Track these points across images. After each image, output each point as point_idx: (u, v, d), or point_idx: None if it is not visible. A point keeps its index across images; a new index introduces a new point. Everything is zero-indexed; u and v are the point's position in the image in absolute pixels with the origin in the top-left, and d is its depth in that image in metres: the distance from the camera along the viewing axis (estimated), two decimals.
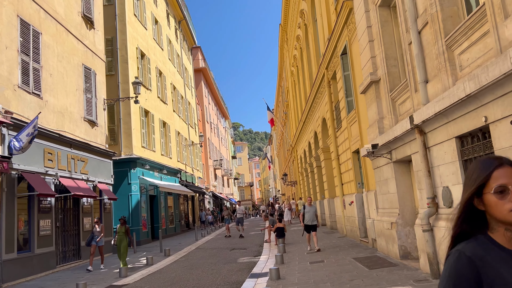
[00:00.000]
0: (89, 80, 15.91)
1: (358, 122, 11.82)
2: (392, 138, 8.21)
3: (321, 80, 16.77)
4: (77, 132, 14.56)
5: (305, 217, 12.02)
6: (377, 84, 9.75)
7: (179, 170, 27.99)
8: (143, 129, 22.05)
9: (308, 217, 11.97)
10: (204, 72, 46.55)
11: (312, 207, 12.15)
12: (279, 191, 66.83)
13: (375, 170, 10.25)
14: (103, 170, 16.41)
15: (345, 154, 14.01)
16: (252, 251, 13.91)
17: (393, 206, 9.18)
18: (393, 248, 9.04)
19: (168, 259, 13.57)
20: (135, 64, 21.96)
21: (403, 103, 8.52)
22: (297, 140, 30.64)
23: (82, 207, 14.50)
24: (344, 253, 10.84)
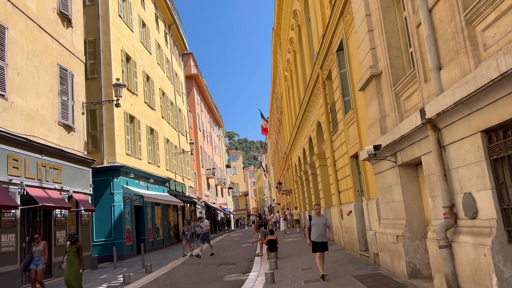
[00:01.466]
0: (65, 81, 14.72)
1: (356, 123, 10.69)
2: (398, 138, 7.08)
3: (315, 81, 15.69)
4: (50, 138, 13.33)
5: (312, 231, 9.00)
6: (378, 79, 8.64)
7: (167, 179, 26.71)
8: (128, 135, 20.83)
9: (317, 232, 8.96)
10: (196, 79, 45.50)
11: (321, 218, 9.06)
12: (274, 200, 65.52)
13: (377, 175, 9.09)
14: (80, 179, 15.14)
15: (342, 159, 12.86)
16: (241, 267, 12.66)
17: (398, 216, 8.01)
18: (399, 264, 7.85)
19: (148, 277, 12.28)
20: (120, 67, 20.81)
21: (410, 97, 7.40)
22: (292, 147, 29.52)
23: (54, 219, 13.21)
24: (342, 269, 9.62)
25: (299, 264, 11.40)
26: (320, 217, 9.07)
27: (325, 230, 9.01)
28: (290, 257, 13.35)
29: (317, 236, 8.92)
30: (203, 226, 17.16)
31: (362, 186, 11.13)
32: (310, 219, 9.09)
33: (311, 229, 9.01)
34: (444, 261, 5.55)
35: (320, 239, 8.91)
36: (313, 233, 8.96)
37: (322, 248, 8.93)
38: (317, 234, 8.92)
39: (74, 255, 9.25)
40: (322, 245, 8.96)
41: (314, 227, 8.95)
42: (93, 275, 13.84)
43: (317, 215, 9.10)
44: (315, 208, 9.11)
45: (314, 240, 8.97)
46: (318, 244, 8.96)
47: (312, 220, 9.07)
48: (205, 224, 17.20)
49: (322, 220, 9.03)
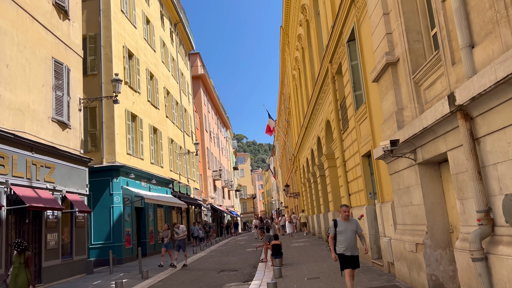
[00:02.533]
0: (60, 76, 13.99)
1: (369, 118, 9.75)
2: (419, 131, 6.14)
3: (324, 77, 14.77)
4: (41, 134, 12.58)
5: (338, 241, 6.82)
6: (395, 67, 7.72)
7: (171, 180, 25.91)
8: (129, 134, 20.08)
9: (345, 242, 6.73)
10: (203, 79, 44.78)
11: (351, 223, 6.87)
12: (282, 203, 64.53)
13: (393, 175, 8.15)
14: (76, 179, 14.37)
15: (353, 159, 11.92)
16: (243, 274, 11.75)
17: (418, 222, 7.06)
18: (419, 276, 6.89)
19: (143, 284, 11.43)
20: (121, 64, 20.08)
21: (432, 86, 6.47)
22: (299, 148, 28.57)
23: (46, 221, 12.43)
24: (354, 280, 8.65)
25: (305, 273, 10.48)
26: (349, 222, 6.84)
27: (355, 239, 6.84)
28: (296, 263, 12.42)
29: (346, 247, 6.71)
30: (179, 232, 15.31)
31: (375, 188, 10.17)
32: (336, 224, 6.87)
33: (337, 238, 6.81)
34: (479, 276, 4.60)
35: (350, 251, 6.71)
36: (339, 244, 6.77)
37: (353, 264, 6.76)
38: (346, 245, 6.70)
39: (21, 267, 7.46)
40: (353, 260, 6.74)
41: (342, 236, 6.76)
42: (86, 280, 13.04)
43: (345, 219, 6.84)
44: (343, 210, 6.84)
45: (342, 253, 6.75)
46: (348, 259, 6.72)
47: (338, 226, 6.82)
48: (182, 230, 15.44)
49: (352, 226, 6.81)
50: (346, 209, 6.86)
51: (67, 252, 13.63)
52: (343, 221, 6.87)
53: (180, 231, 15.31)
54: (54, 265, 12.61)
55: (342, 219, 6.89)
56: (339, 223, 6.87)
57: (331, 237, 6.94)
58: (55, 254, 12.76)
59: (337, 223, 6.88)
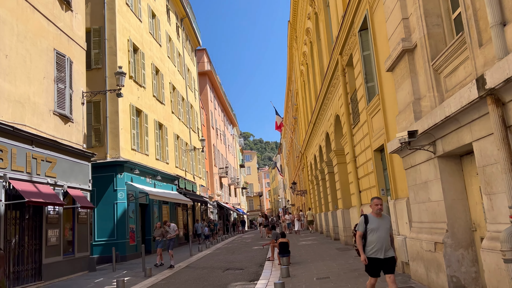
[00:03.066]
0: (62, 68, 13.64)
1: (382, 111, 9.26)
2: (440, 121, 5.65)
3: (333, 70, 14.27)
4: (43, 128, 12.24)
5: (369, 241, 5.70)
6: (411, 54, 7.22)
7: (176, 177, 25.55)
8: (134, 130, 19.73)
9: (378, 242, 5.64)
10: (210, 75, 44.40)
11: (384, 220, 5.77)
12: (288, 201, 64.05)
13: (408, 170, 7.66)
14: (78, 174, 14.03)
15: (364, 154, 11.43)
16: (250, 273, 11.32)
17: (436, 219, 6.57)
18: (437, 278, 6.41)
19: (146, 282, 11.05)
20: (126, 58, 19.73)
21: (454, 72, 5.97)
22: (307, 145, 28.07)
23: (46, 216, 12.09)
24: (365, 281, 8.17)
25: (314, 272, 10.02)
26: (382, 218, 5.75)
27: (389, 239, 5.75)
28: (304, 262, 11.96)
29: (378, 249, 5.60)
30: (170, 231, 14.47)
31: (388, 184, 9.68)
32: (366, 220, 5.76)
33: (367, 238, 5.69)
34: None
35: (383, 253, 5.60)
36: (370, 244, 5.66)
37: (388, 268, 5.61)
38: (379, 246, 5.60)
39: None
40: (388, 263, 5.61)
41: (373, 235, 5.65)
42: (88, 278, 12.70)
43: (378, 215, 5.72)
44: (374, 204, 5.71)
45: (374, 255, 5.60)
46: (381, 262, 5.60)
47: (369, 223, 5.71)
48: (173, 229, 14.56)
49: (386, 224, 5.74)
50: (379, 201, 5.68)
51: (68, 249, 13.30)
52: (375, 216, 5.72)
53: (171, 230, 14.53)
54: (55, 262, 12.28)
55: (374, 214, 5.74)
56: (371, 219, 5.74)
57: (360, 235, 5.74)
58: (56, 250, 12.44)
59: (368, 219, 5.74)
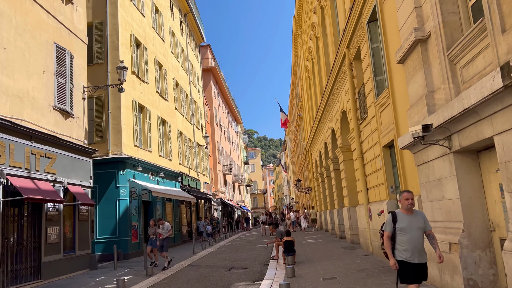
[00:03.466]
0: (63, 62, 13.35)
1: (392, 105, 8.89)
2: (458, 114, 5.28)
3: (340, 64, 13.89)
4: (42, 123, 11.97)
5: (399, 242, 4.88)
6: (425, 44, 6.85)
7: (180, 174, 25.28)
8: (136, 126, 19.45)
9: (410, 243, 4.81)
10: (214, 72, 44.05)
11: (417, 217, 4.94)
12: (292, 198, 63.74)
13: (420, 167, 7.29)
14: (79, 170, 13.77)
15: (372, 150, 11.06)
16: (254, 272, 11.01)
17: (451, 219, 6.21)
18: (452, 280, 6.06)
19: (147, 281, 10.77)
20: (129, 53, 19.43)
21: (471, 62, 5.60)
22: (312, 142, 27.69)
23: (46, 214, 11.84)
24: (374, 282, 7.86)
25: (320, 272, 9.69)
26: (413, 215, 4.90)
27: (423, 240, 4.88)
28: (309, 261, 11.64)
29: (410, 251, 4.76)
30: (162, 232, 13.27)
31: (398, 181, 9.32)
32: (394, 218, 4.89)
33: (397, 239, 4.85)
34: None
35: (417, 257, 4.76)
36: (400, 246, 4.82)
37: (419, 275, 4.83)
38: (411, 248, 4.76)
39: None
40: (420, 269, 4.82)
41: (404, 235, 4.80)
42: (88, 277, 12.45)
43: (409, 211, 4.89)
44: (404, 198, 4.87)
45: (405, 259, 4.78)
46: (414, 268, 4.77)
47: (399, 222, 4.85)
48: (166, 228, 13.31)
49: (419, 222, 4.87)
50: (409, 195, 4.86)
51: (69, 247, 13.06)
52: (405, 213, 4.89)
53: (165, 229, 13.34)
54: (55, 260, 12.03)
55: (404, 210, 4.90)
56: (400, 216, 4.90)
57: (388, 235, 4.93)
58: (56, 248, 12.19)
59: (396, 217, 4.90)
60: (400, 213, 4.97)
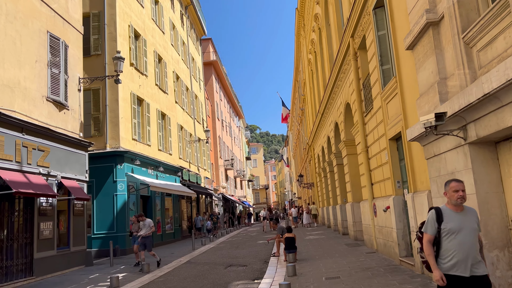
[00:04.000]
0: (57, 52, 12.90)
1: (399, 95, 8.39)
2: (476, 100, 4.80)
3: (344, 55, 13.38)
4: (34, 114, 11.53)
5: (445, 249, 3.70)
6: (437, 27, 6.34)
7: (180, 168, 24.86)
8: (135, 119, 19.00)
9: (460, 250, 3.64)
10: (215, 66, 43.53)
11: (468, 216, 3.76)
12: (295, 194, 63.35)
13: (431, 160, 6.81)
14: (74, 164, 13.34)
15: (378, 143, 10.58)
16: (253, 270, 10.58)
17: None
18: None
19: (143, 279, 10.36)
20: (127, 44, 18.95)
21: (490, 44, 5.11)
22: (314, 137, 27.21)
23: (39, 208, 11.42)
24: (380, 282, 7.42)
25: (322, 270, 9.25)
26: (464, 212, 3.78)
27: (477, 245, 3.75)
28: (311, 259, 11.20)
29: (461, 260, 3.64)
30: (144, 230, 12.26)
31: (405, 175, 8.85)
32: (439, 217, 3.74)
33: (442, 244, 3.72)
34: None
35: (469, 268, 3.64)
36: (448, 253, 3.68)
37: None
38: (462, 256, 3.65)
39: None
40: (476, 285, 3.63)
41: (453, 239, 3.68)
42: (83, 273, 12.06)
43: (458, 208, 3.78)
44: (453, 189, 3.76)
45: (455, 271, 3.64)
46: (466, 284, 3.62)
47: (445, 221, 3.71)
48: (148, 225, 12.32)
49: (472, 221, 3.76)
50: (460, 186, 3.75)
51: (63, 243, 12.67)
52: (453, 210, 3.77)
53: (146, 226, 12.34)
54: (48, 257, 11.64)
55: (452, 206, 3.77)
56: (447, 214, 3.74)
57: (430, 239, 3.74)
58: (50, 244, 11.78)
59: (442, 214, 3.74)
60: (446, 209, 3.79)
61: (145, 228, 12.36)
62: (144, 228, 12.36)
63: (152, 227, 12.44)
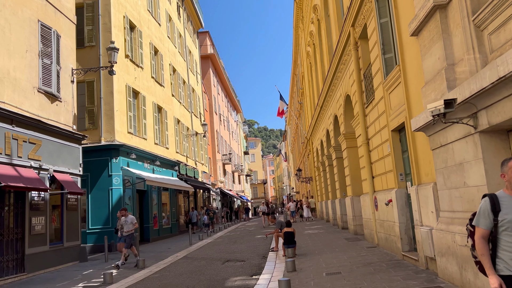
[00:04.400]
0: (48, 42, 12.51)
1: (403, 84, 8.07)
2: (490, 84, 4.48)
3: (344, 45, 13.04)
4: (25, 106, 11.17)
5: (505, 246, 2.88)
6: (444, 11, 6.01)
7: (177, 162, 24.53)
8: (130, 112, 18.64)
9: None
10: (213, 59, 43.09)
11: None
12: (293, 188, 63.16)
13: (436, 150, 6.51)
14: (67, 157, 13.00)
15: (379, 135, 10.27)
16: (251, 266, 10.30)
17: (475, 209, 5.41)
18: (476, 279, 5.31)
19: (137, 275, 10.07)
20: (122, 35, 18.55)
21: (504, 26, 4.78)
22: (313, 130, 26.90)
23: (30, 203, 11.09)
24: (383, 277, 7.13)
25: (322, 266, 8.97)
26: None
27: None
28: (311, 254, 10.92)
29: None
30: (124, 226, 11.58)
31: (409, 168, 8.55)
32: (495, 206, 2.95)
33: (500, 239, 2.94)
34: None
35: None
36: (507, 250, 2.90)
37: None
38: None
39: None
40: None
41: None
42: (77, 269, 11.76)
43: None
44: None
45: None
46: None
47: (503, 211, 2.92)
48: (130, 221, 11.63)
49: None
50: None
51: (56, 238, 12.36)
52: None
53: (129, 223, 11.64)
54: (40, 252, 11.33)
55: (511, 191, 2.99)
56: (505, 201, 2.96)
57: (483, 235, 3.02)
58: (42, 240, 11.47)
59: (499, 203, 2.97)
60: (505, 196, 2.99)
61: (126, 225, 11.62)
62: (126, 225, 11.62)
63: (135, 224, 11.73)
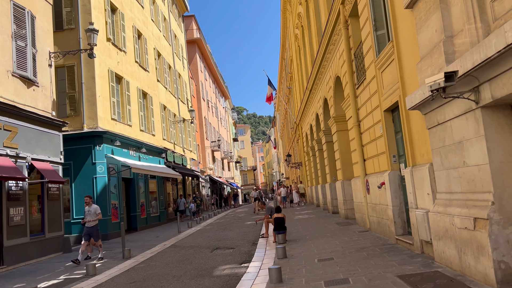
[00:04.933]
0: (22, 23, 11.81)
1: (396, 60, 7.68)
2: (496, 53, 4.12)
3: (334, 24, 12.58)
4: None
5: None
6: None
7: (164, 150, 24.00)
8: (113, 98, 18.00)
9: None
10: (199, 44, 42.21)
11: None
12: (282, 174, 63.05)
13: (433, 129, 6.17)
14: (46, 144, 12.43)
15: (371, 116, 9.92)
16: (241, 253, 9.97)
17: (476, 189, 5.12)
18: (477, 263, 5.02)
19: (122, 265, 9.68)
20: (103, 18, 17.79)
21: None
22: (302, 115, 26.53)
23: (7, 193, 10.56)
24: (378, 262, 6.85)
25: (314, 252, 8.68)
26: None
27: None
28: (301, 240, 10.63)
29: None
30: (87, 216, 10.73)
31: (402, 149, 8.23)
32: None
33: None
34: None
35: None
36: None
37: None
38: None
39: None
40: None
41: None
42: (60, 261, 11.31)
43: None
44: None
45: None
46: None
47: None
48: (94, 211, 10.76)
49: None
50: None
51: (37, 229, 11.86)
52: None
53: (92, 213, 10.76)
54: (20, 244, 10.85)
55: None
56: None
57: None
58: (22, 231, 10.98)
59: None
60: None
61: (89, 215, 10.73)
62: (89, 215, 10.73)
63: (98, 214, 10.84)
